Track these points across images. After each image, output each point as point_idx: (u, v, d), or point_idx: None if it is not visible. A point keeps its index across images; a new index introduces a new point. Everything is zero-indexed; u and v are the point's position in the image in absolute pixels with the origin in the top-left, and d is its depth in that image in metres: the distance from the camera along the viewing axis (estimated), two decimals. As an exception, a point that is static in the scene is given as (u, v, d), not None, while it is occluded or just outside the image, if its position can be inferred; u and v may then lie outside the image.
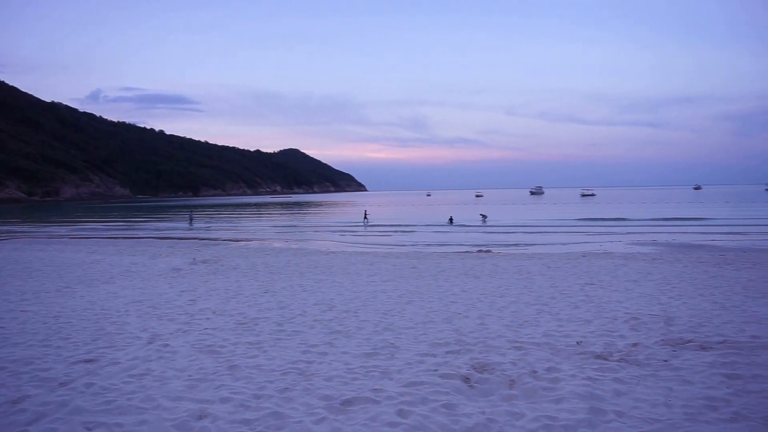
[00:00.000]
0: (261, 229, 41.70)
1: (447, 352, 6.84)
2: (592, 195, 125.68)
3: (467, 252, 21.08)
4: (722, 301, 9.77)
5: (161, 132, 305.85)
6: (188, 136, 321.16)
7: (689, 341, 7.26)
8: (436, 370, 6.16)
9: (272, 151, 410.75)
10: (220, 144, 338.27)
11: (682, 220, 41.42)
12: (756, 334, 7.56)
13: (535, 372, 6.04)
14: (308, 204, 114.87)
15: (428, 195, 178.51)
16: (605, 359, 6.55)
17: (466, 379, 5.88)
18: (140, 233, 37.81)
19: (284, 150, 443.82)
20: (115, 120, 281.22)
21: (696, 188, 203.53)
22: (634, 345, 7.12)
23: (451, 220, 45.55)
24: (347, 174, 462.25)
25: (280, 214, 70.94)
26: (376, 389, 5.60)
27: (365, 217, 48.14)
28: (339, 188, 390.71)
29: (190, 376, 6.12)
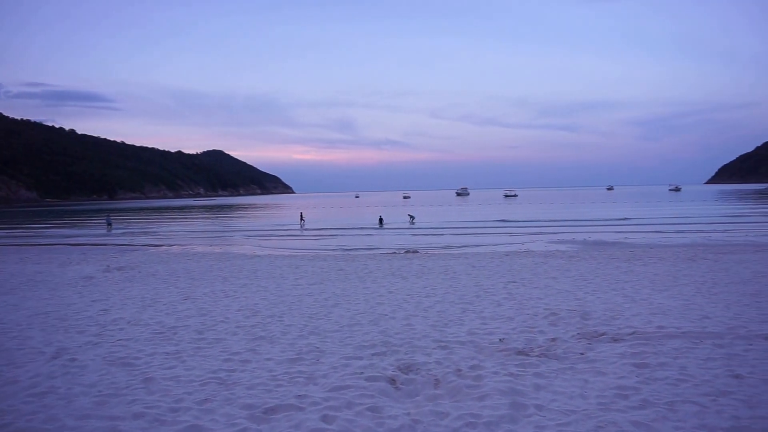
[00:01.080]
0: (183, 233, 40.22)
1: (373, 354, 6.81)
2: (515, 196, 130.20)
3: (395, 253, 21.23)
4: (632, 295, 10.33)
5: (72, 131, 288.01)
6: (103, 136, 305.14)
7: (603, 334, 7.61)
8: (362, 372, 6.12)
9: (195, 152, 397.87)
10: (138, 144, 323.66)
11: (597, 221, 43.56)
12: (662, 324, 8.04)
13: (459, 370, 6.12)
14: (233, 207, 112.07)
15: (356, 197, 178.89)
16: (526, 355, 6.75)
17: (392, 381, 5.87)
18: (49, 240, 35.47)
19: (208, 151, 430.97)
20: (19, 118, 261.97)
21: (609, 189, 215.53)
22: (553, 340, 7.37)
23: (381, 220, 45.83)
24: (274, 176, 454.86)
25: (204, 217, 68.80)
26: (300, 395, 5.49)
27: (302, 219, 47.57)
28: (265, 190, 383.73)
29: (99, 391, 5.75)
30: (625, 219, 43.20)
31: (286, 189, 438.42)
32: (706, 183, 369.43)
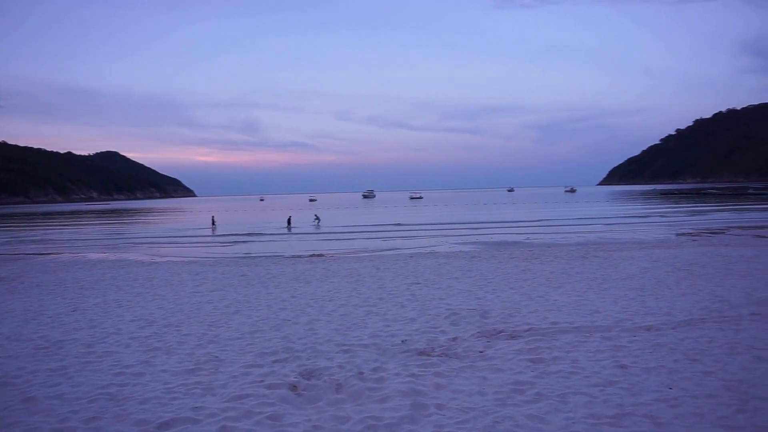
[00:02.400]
0: (74, 240, 37.45)
1: (274, 361, 6.62)
2: (420, 198, 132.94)
3: (299, 257, 20.94)
4: (529, 293, 10.80)
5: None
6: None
7: (501, 331, 7.88)
8: (263, 380, 5.92)
9: (87, 154, 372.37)
10: (22, 145, 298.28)
11: (500, 221, 45.35)
12: (556, 320, 8.45)
13: (361, 373, 6.08)
14: (131, 211, 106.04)
15: (261, 200, 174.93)
16: (428, 355, 6.83)
17: (294, 387, 5.73)
18: None
19: (102, 152, 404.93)
20: None
21: (510, 190, 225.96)
22: (454, 339, 7.52)
23: (289, 221, 45.12)
24: (174, 179, 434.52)
25: (98, 223, 64.50)
26: (197, 407, 5.21)
27: (213, 224, 45.86)
28: (165, 194, 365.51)
29: (-35, 417, 5.16)
30: (526, 220, 45.32)
31: (187, 192, 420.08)
32: (599, 184, 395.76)
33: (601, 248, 19.68)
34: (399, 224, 43.48)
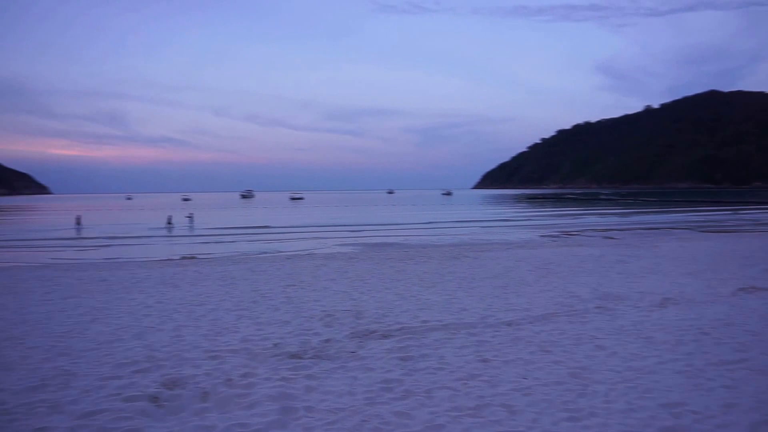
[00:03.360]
0: None
1: (134, 372, 6.19)
2: (301, 198, 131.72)
3: (169, 260, 19.85)
4: (403, 293, 11.08)
5: None
6: None
7: (374, 331, 7.99)
8: (120, 393, 5.51)
9: None
10: None
11: (379, 223, 46.16)
12: (426, 318, 8.74)
13: (230, 380, 5.87)
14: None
15: (129, 198, 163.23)
16: (300, 358, 6.76)
17: (155, 399, 5.39)
18: None
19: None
20: None
21: (389, 192, 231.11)
22: (327, 341, 7.52)
23: (169, 221, 42.68)
24: (24, 174, 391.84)
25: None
26: (40, 428, 4.73)
27: (78, 224, 42.05)
28: (14, 191, 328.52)
29: None
30: (404, 222, 46.58)
31: (40, 189, 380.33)
32: (473, 188, 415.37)
33: (472, 249, 20.72)
34: (274, 226, 42.60)
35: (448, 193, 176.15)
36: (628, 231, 31.21)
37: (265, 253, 21.66)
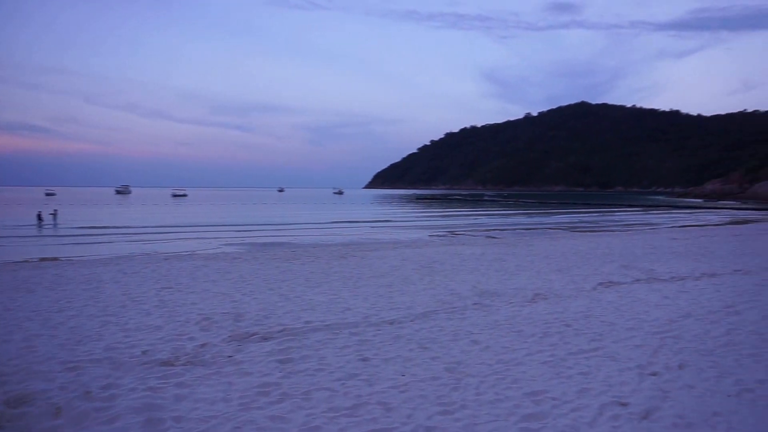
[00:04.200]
0: None
1: (-29, 391, 5.51)
2: (185, 195, 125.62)
3: (25, 261, 18.09)
4: (287, 293, 10.87)
5: None
6: None
7: (254, 334, 7.75)
8: (-48, 416, 4.87)
9: None
10: None
11: (267, 222, 45.15)
12: (309, 319, 8.62)
13: (88, 393, 5.40)
14: None
15: None
16: (171, 365, 6.38)
17: (-4, 419, 4.83)
18: None
19: None
20: None
21: (280, 191, 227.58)
22: (203, 345, 7.17)
23: (39, 216, 38.89)
24: None
25: None
26: None
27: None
28: None
29: None
30: (294, 221, 45.95)
31: None
32: (364, 188, 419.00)
33: (359, 248, 20.84)
34: (152, 225, 40.19)
35: (340, 192, 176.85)
36: (508, 231, 33.00)
37: (140, 254, 20.36)
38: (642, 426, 4.68)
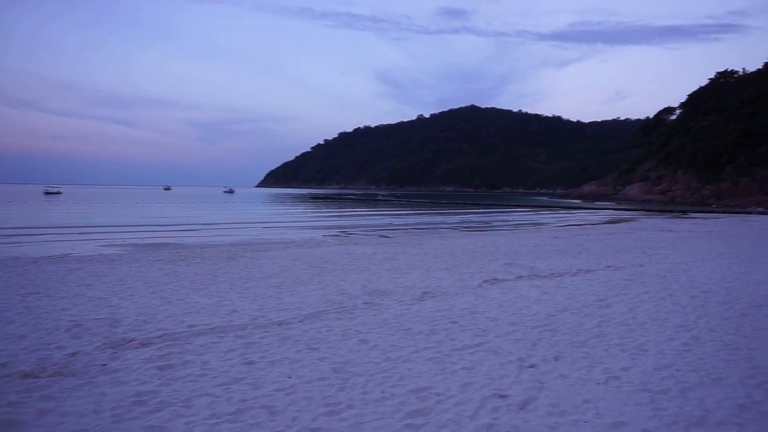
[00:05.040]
0: None
1: None
2: (58, 193, 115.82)
3: None
4: (169, 296, 10.36)
5: None
6: None
7: (131, 340, 7.32)
8: None
9: None
10: None
11: (149, 222, 42.78)
12: (193, 323, 8.28)
13: (-68, 413, 4.83)
14: None
15: None
16: (36, 377, 5.87)
17: None
18: None
19: None
20: None
21: (166, 189, 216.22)
22: (73, 354, 6.66)
23: None
24: None
25: None
26: None
27: None
28: None
29: None
30: (180, 221, 43.86)
31: None
32: (256, 186, 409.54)
33: (249, 248, 20.33)
34: (21, 227, 36.75)
35: (230, 191, 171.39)
36: (400, 230, 33.68)
37: (3, 257, 18.50)
38: (519, 416, 4.97)
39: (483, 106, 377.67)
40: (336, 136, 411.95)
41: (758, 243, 21.45)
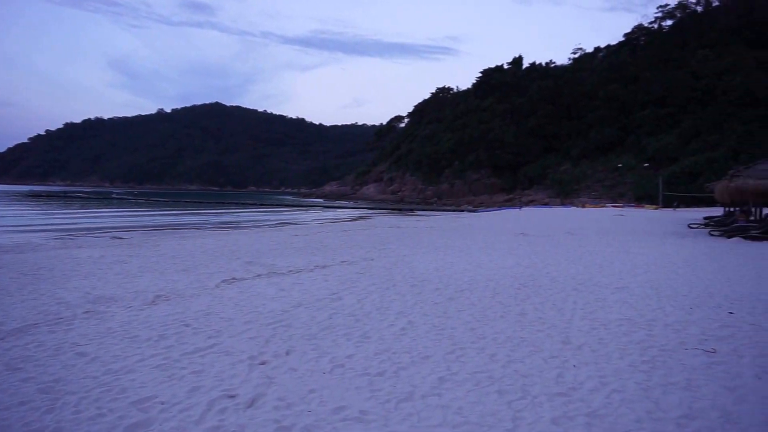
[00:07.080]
0: None
1: None
2: None
3: None
4: None
5: None
6: None
7: None
8: None
9: None
10: None
11: None
12: None
13: None
14: None
15: None
16: None
17: None
18: None
19: None
20: None
21: None
22: None
23: None
24: None
25: None
26: None
27: None
28: None
29: None
30: None
31: None
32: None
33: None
34: None
35: None
36: (137, 231, 31.11)
37: None
38: (246, 414, 5.02)
39: (228, 104, 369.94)
40: (61, 126, 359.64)
41: (465, 236, 25.18)
